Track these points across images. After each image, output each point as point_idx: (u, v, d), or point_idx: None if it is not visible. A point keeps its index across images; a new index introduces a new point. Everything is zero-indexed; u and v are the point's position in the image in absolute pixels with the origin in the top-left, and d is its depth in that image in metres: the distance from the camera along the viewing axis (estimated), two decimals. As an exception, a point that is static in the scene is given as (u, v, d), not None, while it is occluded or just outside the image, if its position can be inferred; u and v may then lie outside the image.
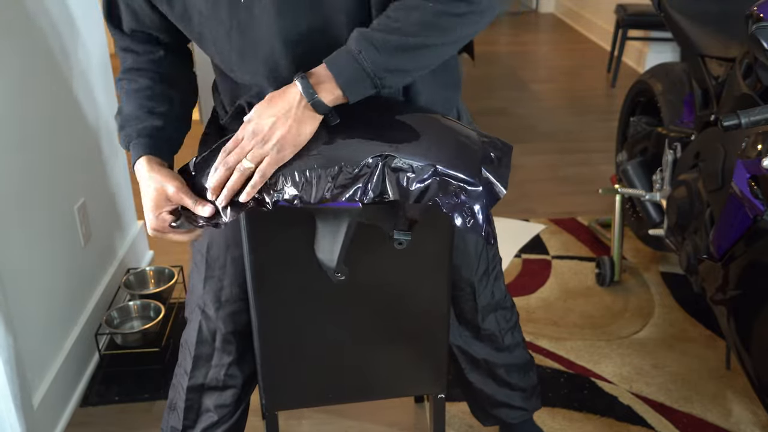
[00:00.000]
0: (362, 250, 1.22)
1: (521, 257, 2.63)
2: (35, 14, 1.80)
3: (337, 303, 1.29)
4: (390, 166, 1.03)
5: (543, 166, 3.40)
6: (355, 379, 1.40)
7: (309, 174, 1.04)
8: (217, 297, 1.35)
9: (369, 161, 1.03)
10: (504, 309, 1.56)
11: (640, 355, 2.12)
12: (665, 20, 2.21)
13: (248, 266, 1.22)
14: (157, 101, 1.22)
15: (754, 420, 1.87)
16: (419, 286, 1.31)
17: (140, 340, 2.05)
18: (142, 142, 1.19)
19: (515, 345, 1.60)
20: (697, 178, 1.85)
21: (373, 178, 1.03)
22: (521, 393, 1.65)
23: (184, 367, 1.43)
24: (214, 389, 1.43)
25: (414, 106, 1.22)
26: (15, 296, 1.65)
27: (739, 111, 1.30)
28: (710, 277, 1.71)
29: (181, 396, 1.44)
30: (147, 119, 1.20)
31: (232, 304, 1.35)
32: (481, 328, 1.54)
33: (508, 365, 1.60)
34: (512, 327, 1.59)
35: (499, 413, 1.66)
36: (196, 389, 1.43)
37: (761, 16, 1.56)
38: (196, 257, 1.38)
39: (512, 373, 1.61)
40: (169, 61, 1.27)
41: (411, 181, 1.03)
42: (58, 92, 1.93)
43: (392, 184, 1.03)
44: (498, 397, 1.63)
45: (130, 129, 1.20)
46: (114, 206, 2.34)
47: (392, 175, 1.04)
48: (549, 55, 5.47)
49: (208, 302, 1.36)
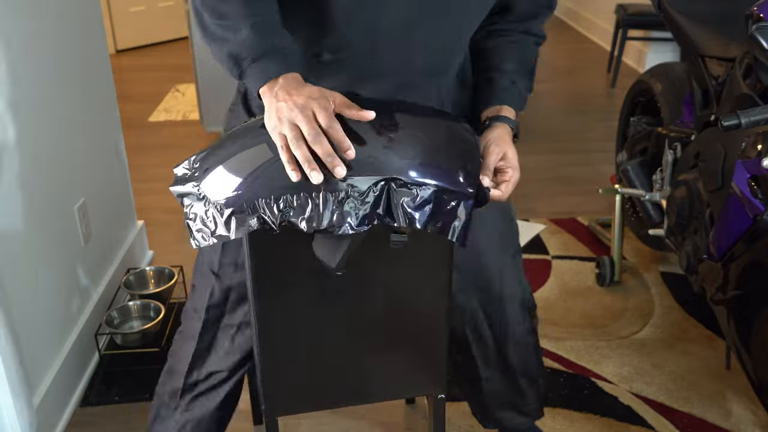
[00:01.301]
0: (361, 252, 1.22)
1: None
2: (35, 14, 1.81)
3: (337, 306, 1.29)
4: (395, 189, 1.04)
5: (543, 166, 3.40)
6: (355, 383, 1.39)
7: (314, 197, 1.04)
8: (234, 260, 1.37)
9: (375, 187, 1.04)
10: (525, 308, 1.55)
11: (640, 355, 2.12)
12: (665, 20, 2.21)
13: (248, 270, 1.22)
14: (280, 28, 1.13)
15: (754, 420, 1.87)
16: (420, 286, 1.31)
17: (140, 340, 2.05)
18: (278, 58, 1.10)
19: (532, 347, 1.58)
20: (697, 178, 1.85)
21: (381, 203, 1.04)
22: (531, 398, 1.62)
23: (191, 332, 1.45)
24: (218, 353, 1.45)
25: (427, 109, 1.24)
26: (15, 296, 1.65)
27: (739, 111, 1.30)
28: (710, 277, 1.71)
29: (183, 360, 1.46)
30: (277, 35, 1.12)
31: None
32: (503, 318, 1.52)
33: (522, 367, 1.58)
34: (532, 329, 1.58)
35: (504, 416, 1.64)
36: (201, 353, 1.45)
37: (761, 16, 1.56)
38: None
39: (523, 378, 1.59)
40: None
41: (414, 200, 1.05)
42: (58, 92, 1.93)
43: (398, 212, 1.05)
44: (507, 398, 1.61)
45: (276, 41, 1.10)
46: (114, 206, 2.34)
47: (397, 197, 1.04)
48: (549, 55, 5.46)
49: (225, 264, 1.37)
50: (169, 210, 2.96)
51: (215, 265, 1.39)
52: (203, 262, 1.42)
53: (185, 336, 1.49)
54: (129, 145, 2.54)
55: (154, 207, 2.97)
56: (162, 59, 5.36)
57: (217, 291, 1.41)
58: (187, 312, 1.48)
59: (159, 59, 5.37)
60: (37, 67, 1.81)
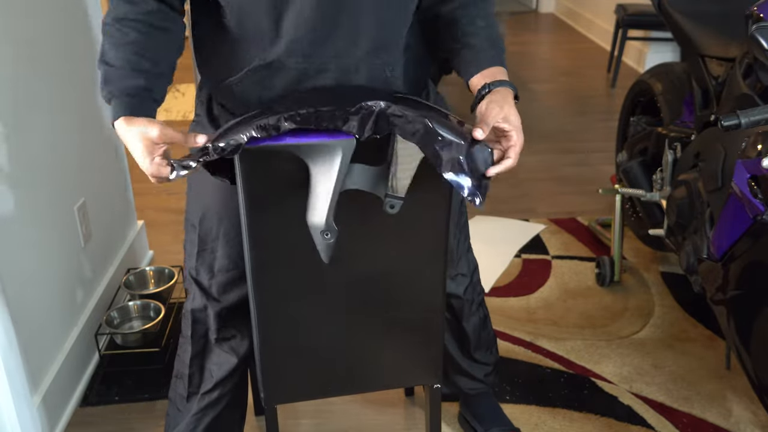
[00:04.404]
0: (358, 239, 1.24)
1: (521, 257, 2.63)
2: (35, 14, 1.81)
3: (335, 295, 1.31)
4: (386, 112, 1.13)
5: (543, 166, 3.40)
6: (352, 371, 1.42)
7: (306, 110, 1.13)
8: (210, 267, 1.43)
9: (367, 103, 1.13)
10: (474, 282, 1.64)
11: (640, 355, 2.12)
12: (665, 20, 2.21)
13: (248, 261, 1.24)
14: (144, 58, 1.20)
15: (754, 420, 1.87)
16: (415, 276, 1.33)
17: (140, 340, 2.05)
18: (125, 102, 1.18)
19: (483, 318, 1.69)
20: (697, 178, 1.85)
21: (370, 118, 1.13)
22: (484, 366, 1.74)
23: (187, 335, 1.50)
24: (212, 355, 1.51)
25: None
26: (15, 296, 1.65)
27: (739, 111, 1.30)
28: (710, 277, 1.71)
29: (185, 363, 1.52)
30: (132, 77, 1.19)
31: (224, 274, 1.43)
32: (453, 294, 1.60)
33: (474, 337, 1.67)
34: (481, 301, 1.68)
35: (459, 381, 1.74)
36: (197, 356, 1.51)
37: (761, 16, 1.56)
38: (189, 230, 1.45)
39: (477, 350, 1.70)
40: (162, 15, 1.23)
41: (403, 123, 1.13)
42: (58, 92, 1.93)
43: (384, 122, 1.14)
44: (461, 365, 1.71)
45: (112, 86, 1.19)
46: (114, 206, 2.34)
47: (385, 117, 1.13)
48: (549, 55, 5.46)
49: (201, 272, 1.44)
50: (169, 210, 2.96)
51: (194, 271, 1.46)
52: (186, 268, 1.49)
53: (185, 339, 1.53)
54: (129, 145, 2.53)
55: (154, 207, 2.97)
56: (162, 59, 5.35)
57: (199, 297, 1.46)
58: (183, 315, 1.53)
59: (159, 59, 5.36)
60: (36, 67, 1.81)
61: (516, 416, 1.88)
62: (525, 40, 5.91)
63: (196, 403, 1.53)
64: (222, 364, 1.51)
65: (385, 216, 1.18)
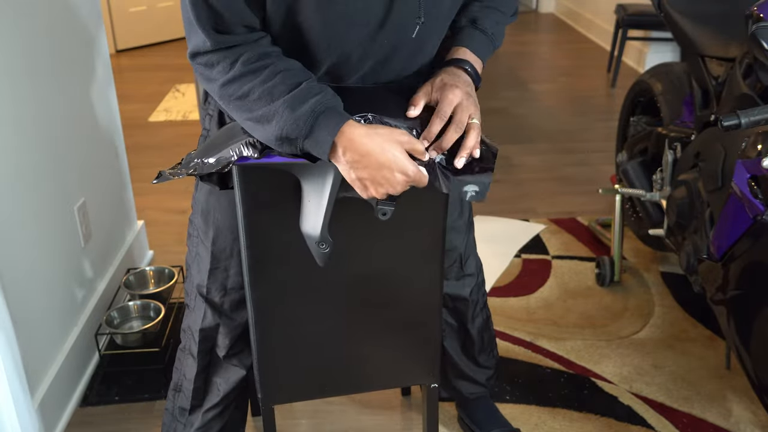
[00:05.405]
0: (355, 241, 1.24)
1: (521, 257, 2.63)
2: (36, 14, 1.80)
3: (333, 295, 1.31)
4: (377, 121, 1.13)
5: (543, 166, 3.40)
6: (350, 372, 1.42)
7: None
8: (222, 285, 1.41)
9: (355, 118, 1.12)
10: (480, 282, 1.63)
11: (640, 355, 2.12)
12: (665, 20, 2.21)
13: (245, 260, 1.24)
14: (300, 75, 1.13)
15: (754, 420, 1.87)
16: (412, 276, 1.33)
17: (140, 340, 2.05)
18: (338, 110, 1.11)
19: (486, 319, 1.68)
20: (697, 178, 1.85)
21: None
22: (486, 370, 1.73)
23: (190, 351, 1.48)
24: (220, 370, 1.49)
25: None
26: (15, 296, 1.65)
27: (739, 111, 1.30)
28: (710, 277, 1.71)
29: (188, 379, 1.50)
30: (322, 90, 1.11)
31: (237, 292, 1.41)
32: (459, 296, 1.59)
33: (478, 339, 1.66)
34: (485, 302, 1.67)
35: (460, 386, 1.73)
36: (203, 371, 1.49)
37: (761, 16, 1.56)
38: (200, 249, 1.41)
39: (481, 353, 1.69)
40: (267, 40, 1.15)
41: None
42: (58, 92, 1.93)
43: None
44: (464, 369, 1.70)
45: (314, 101, 1.09)
46: (114, 206, 2.34)
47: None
48: (549, 55, 5.47)
49: (213, 290, 1.41)
50: (169, 210, 2.96)
51: (204, 289, 1.42)
52: (192, 285, 1.45)
53: (186, 354, 1.50)
54: (129, 145, 2.53)
55: (154, 207, 2.97)
56: (162, 59, 5.36)
57: (210, 315, 1.44)
58: (185, 330, 1.50)
59: (159, 59, 5.37)
60: (36, 67, 1.81)
61: (516, 416, 1.88)
62: (525, 40, 5.91)
63: (200, 416, 1.51)
64: (229, 378, 1.49)
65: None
